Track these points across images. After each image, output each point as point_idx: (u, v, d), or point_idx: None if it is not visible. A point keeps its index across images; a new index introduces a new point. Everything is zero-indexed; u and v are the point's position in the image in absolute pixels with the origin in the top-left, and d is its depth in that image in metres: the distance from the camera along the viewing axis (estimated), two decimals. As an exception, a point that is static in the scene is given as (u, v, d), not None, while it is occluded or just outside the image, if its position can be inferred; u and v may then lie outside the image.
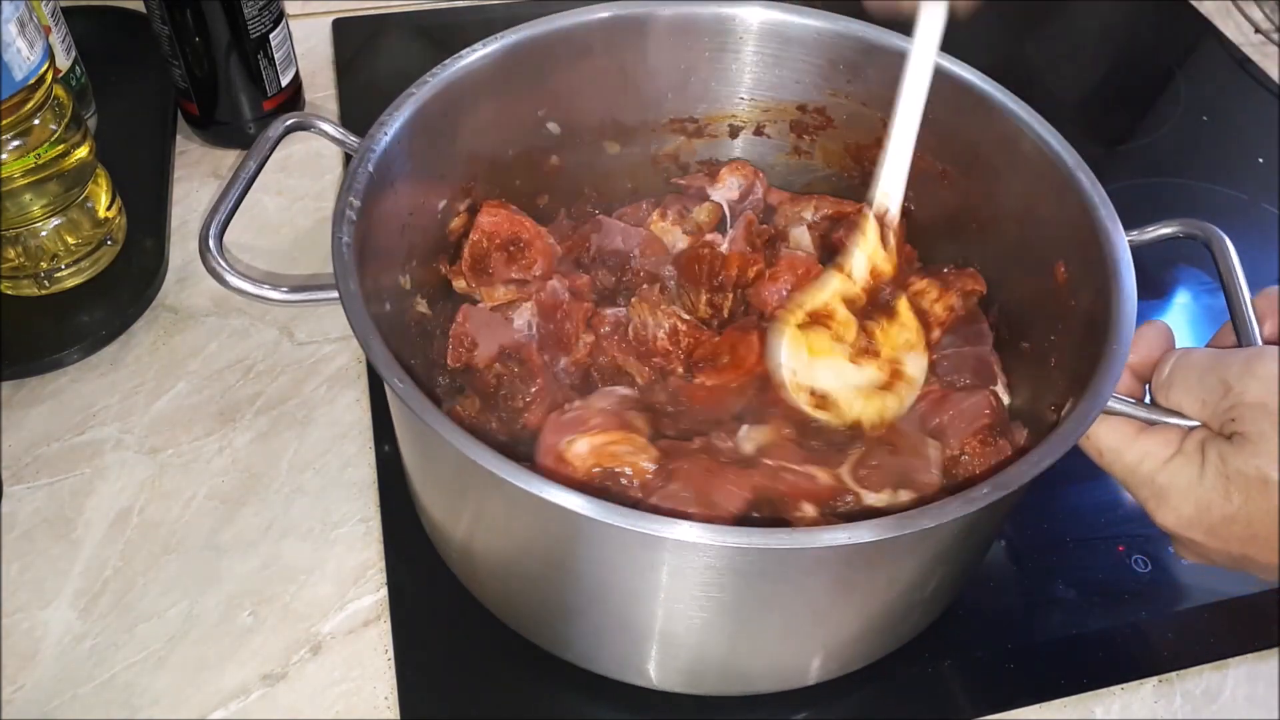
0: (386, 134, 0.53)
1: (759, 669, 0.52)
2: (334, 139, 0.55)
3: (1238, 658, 0.57)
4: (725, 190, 0.68)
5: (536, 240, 0.62)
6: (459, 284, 0.61)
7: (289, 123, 0.54)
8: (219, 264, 0.47)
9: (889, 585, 0.48)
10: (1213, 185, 0.86)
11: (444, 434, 0.42)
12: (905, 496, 0.52)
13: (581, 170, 0.67)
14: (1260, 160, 0.89)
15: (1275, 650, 0.58)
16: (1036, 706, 0.55)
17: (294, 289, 0.48)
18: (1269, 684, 0.57)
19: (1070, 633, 0.58)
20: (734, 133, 0.69)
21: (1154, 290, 0.77)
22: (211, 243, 0.47)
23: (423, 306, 0.60)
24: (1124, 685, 0.56)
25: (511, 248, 0.61)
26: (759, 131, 0.68)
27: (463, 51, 0.57)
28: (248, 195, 0.51)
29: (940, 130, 0.59)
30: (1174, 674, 0.57)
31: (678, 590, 0.45)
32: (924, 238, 0.65)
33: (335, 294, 0.46)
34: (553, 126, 0.64)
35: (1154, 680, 0.56)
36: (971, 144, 0.60)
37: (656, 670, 0.52)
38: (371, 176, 0.51)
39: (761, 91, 0.66)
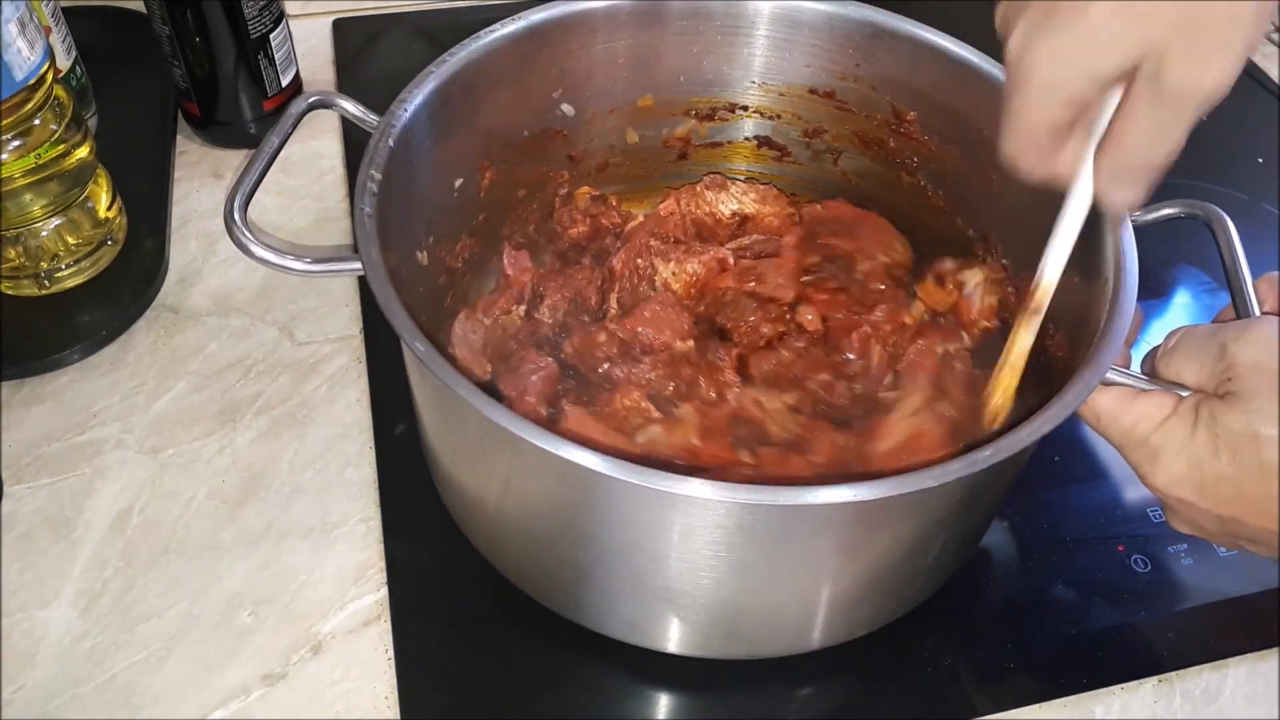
0: (407, 110, 0.54)
1: (765, 630, 0.53)
2: (355, 117, 0.56)
3: (1238, 658, 0.57)
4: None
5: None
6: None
7: (312, 100, 0.56)
8: (244, 235, 0.48)
9: (890, 547, 0.49)
10: (1213, 185, 0.86)
11: (464, 395, 0.42)
12: None
13: (593, 152, 0.69)
14: (1260, 160, 0.89)
15: (1275, 650, 0.58)
16: (1036, 706, 0.55)
17: (317, 260, 0.49)
18: (1269, 684, 0.57)
19: (1070, 633, 0.58)
20: (745, 116, 0.70)
21: (1154, 290, 0.77)
22: (236, 215, 0.49)
23: (442, 280, 0.61)
24: (1124, 685, 0.56)
25: None
26: (770, 115, 0.69)
27: (481, 32, 0.59)
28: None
29: (946, 112, 0.61)
30: (1174, 674, 0.57)
31: (691, 548, 0.46)
32: (939, 218, 0.66)
33: (357, 265, 0.47)
34: (567, 108, 0.65)
35: (1154, 680, 0.56)
36: (976, 126, 0.61)
37: (668, 631, 0.52)
38: (392, 151, 0.52)
39: (772, 75, 0.67)
